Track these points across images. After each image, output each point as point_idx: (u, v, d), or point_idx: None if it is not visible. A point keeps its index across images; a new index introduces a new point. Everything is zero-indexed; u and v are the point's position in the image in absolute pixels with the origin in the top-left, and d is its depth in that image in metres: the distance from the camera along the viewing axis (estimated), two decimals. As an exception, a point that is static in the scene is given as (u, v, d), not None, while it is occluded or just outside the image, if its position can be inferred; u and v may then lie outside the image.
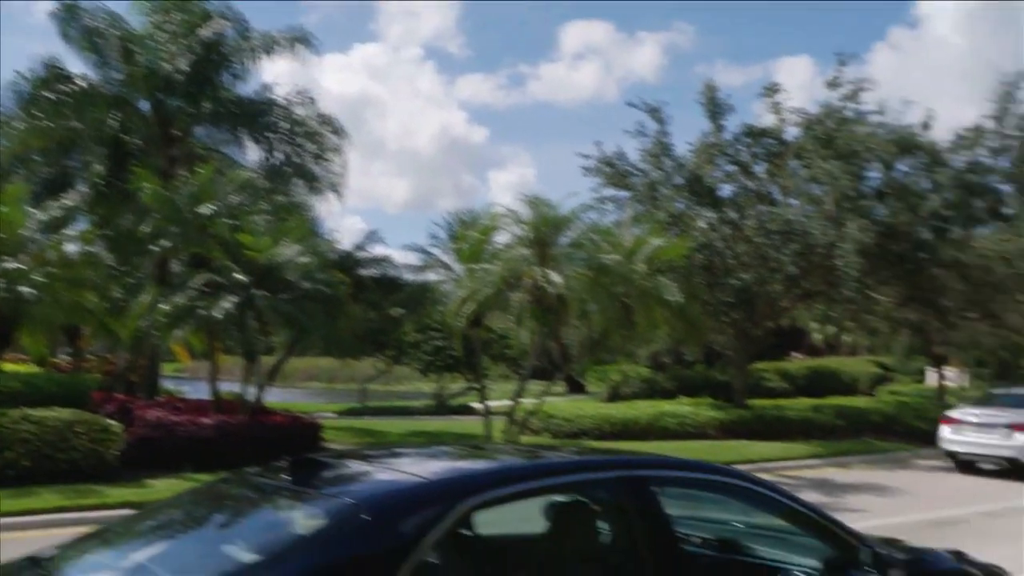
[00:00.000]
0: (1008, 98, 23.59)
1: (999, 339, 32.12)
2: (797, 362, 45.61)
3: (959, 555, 4.74)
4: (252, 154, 20.77)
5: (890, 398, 31.41)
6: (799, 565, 4.26)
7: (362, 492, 3.38)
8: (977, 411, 17.96)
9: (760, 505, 4.32)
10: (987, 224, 26.07)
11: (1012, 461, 16.65)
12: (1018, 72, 25.60)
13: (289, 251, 15.56)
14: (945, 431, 18.13)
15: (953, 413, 18.52)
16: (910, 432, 22.22)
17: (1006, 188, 25.63)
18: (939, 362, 29.89)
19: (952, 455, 17.92)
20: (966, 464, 17.58)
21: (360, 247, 20.71)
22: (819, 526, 4.19)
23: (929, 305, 24.15)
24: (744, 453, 18.01)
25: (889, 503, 13.42)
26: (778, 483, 4.50)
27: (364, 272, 20.31)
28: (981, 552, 4.93)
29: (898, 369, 47.73)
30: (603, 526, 4.26)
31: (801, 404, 24.61)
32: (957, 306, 26.22)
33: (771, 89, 23.01)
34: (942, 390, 29.32)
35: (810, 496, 13.25)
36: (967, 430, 17.59)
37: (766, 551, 4.61)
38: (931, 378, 34.88)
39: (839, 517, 4.53)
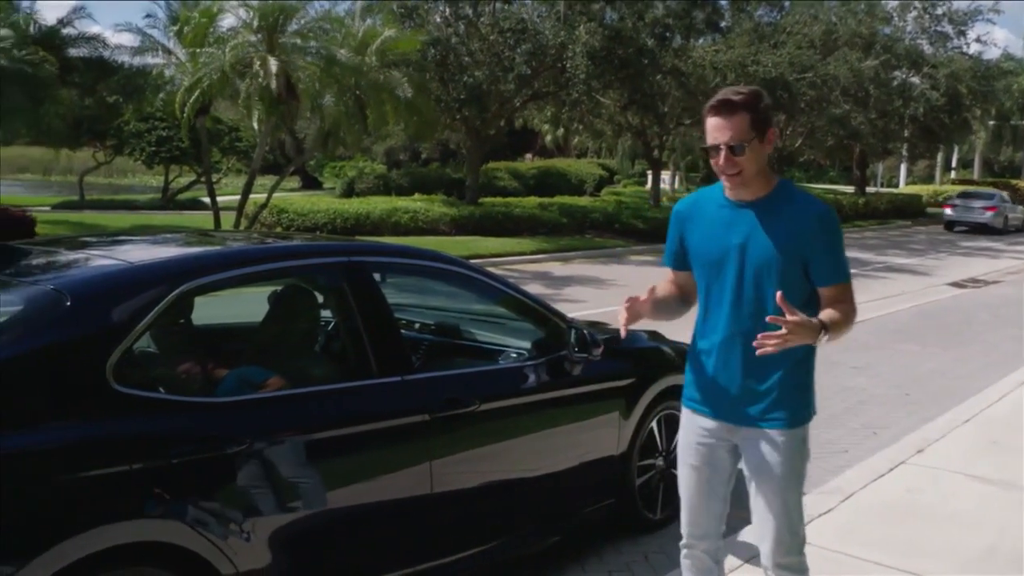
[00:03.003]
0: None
1: (710, 145, 34.55)
2: (528, 163, 47.06)
3: (655, 334, 5.23)
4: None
5: (611, 198, 33.28)
6: (513, 347, 4.57)
7: (64, 278, 3.23)
8: (961, 200, 33.41)
9: (478, 292, 4.54)
10: (704, 35, 27.50)
11: (982, 225, 31.88)
12: None
13: (-19, 23, 13.88)
14: (947, 210, 33.57)
15: (951, 200, 34.26)
16: (627, 230, 23.73)
17: (723, 1, 26.96)
18: (656, 166, 31.80)
19: (947, 223, 33.15)
20: (952, 225, 32.95)
21: (66, 22, 18.76)
22: (531, 311, 4.47)
23: (649, 110, 25.43)
24: (473, 248, 18.63)
25: (603, 294, 14.42)
26: (503, 276, 4.73)
27: (73, 52, 18.52)
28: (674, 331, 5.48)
29: (620, 172, 50.54)
30: (324, 312, 4.36)
31: (529, 202, 25.55)
32: (674, 112, 27.87)
33: None
34: (658, 192, 31.37)
35: (533, 288, 14.05)
36: (959, 209, 32.83)
37: (484, 335, 4.89)
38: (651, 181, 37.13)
39: (558, 307, 4.87)
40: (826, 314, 2.82)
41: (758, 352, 2.75)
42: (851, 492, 5.23)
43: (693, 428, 3.13)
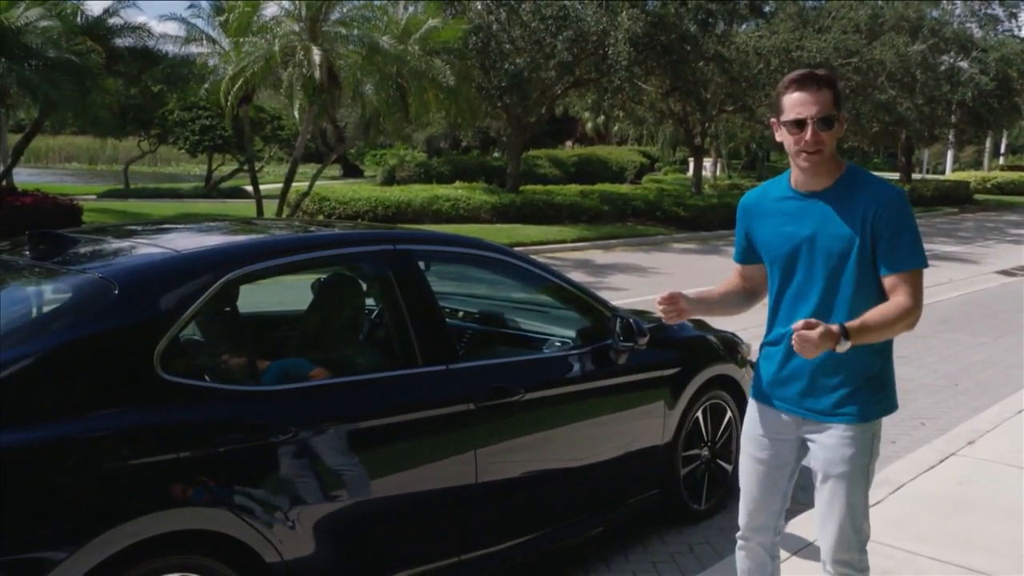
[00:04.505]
0: None
1: (752, 132, 34.24)
2: (569, 150, 46.88)
3: (700, 323, 5.17)
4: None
5: (653, 186, 33.05)
6: (557, 335, 4.54)
7: (112, 267, 3.25)
8: None
9: (521, 280, 4.51)
10: (748, 20, 27.18)
11: None
12: None
13: (29, 13, 14.04)
14: None
15: None
16: (669, 217, 23.57)
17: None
18: (698, 153, 31.51)
19: None
20: None
21: (112, 12, 18.96)
22: (575, 299, 4.44)
23: (691, 96, 25.18)
24: (515, 236, 18.59)
25: (646, 281, 14.35)
26: (546, 264, 4.70)
27: (118, 42, 18.72)
28: (718, 321, 5.41)
29: (662, 159, 50.21)
30: (369, 300, 4.35)
31: (570, 190, 25.45)
32: (716, 99, 27.59)
33: None
34: (699, 179, 31.09)
35: (575, 275, 13.98)
36: None
37: (527, 323, 4.87)
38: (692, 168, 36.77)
39: (601, 294, 4.82)
40: (860, 317, 2.72)
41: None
42: (900, 483, 5.14)
43: (759, 421, 3.07)
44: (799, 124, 2.74)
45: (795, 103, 2.74)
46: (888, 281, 2.78)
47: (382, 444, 3.37)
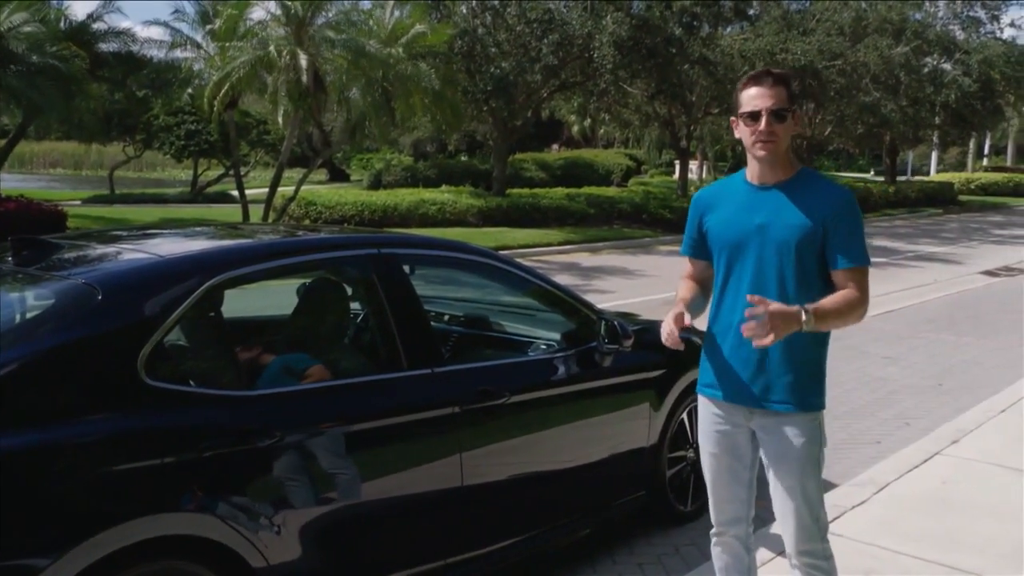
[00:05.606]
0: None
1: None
2: (555, 153, 46.91)
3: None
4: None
5: (639, 189, 33.12)
6: (543, 338, 4.54)
7: (95, 272, 3.23)
8: None
9: (507, 283, 4.52)
10: (733, 23, 27.28)
11: None
12: None
13: (13, 18, 13.98)
14: None
15: None
16: (655, 220, 23.64)
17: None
18: (684, 155, 31.58)
19: None
20: None
21: (96, 17, 18.91)
22: (561, 302, 4.45)
23: (677, 99, 25.26)
24: (501, 239, 18.60)
25: (632, 284, 14.39)
26: (532, 267, 4.71)
27: (103, 47, 18.66)
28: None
29: (648, 162, 50.32)
30: (354, 304, 4.35)
31: (556, 193, 25.47)
32: (702, 101, 27.69)
33: None
34: (685, 182, 31.18)
35: (561, 278, 14.00)
36: None
37: (513, 327, 4.87)
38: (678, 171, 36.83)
39: (588, 298, 4.84)
40: (816, 302, 2.80)
41: (755, 344, 2.71)
42: (884, 483, 5.16)
43: (710, 416, 3.14)
44: (754, 116, 2.86)
45: (751, 97, 2.88)
46: (840, 275, 2.89)
47: (368, 448, 3.37)
